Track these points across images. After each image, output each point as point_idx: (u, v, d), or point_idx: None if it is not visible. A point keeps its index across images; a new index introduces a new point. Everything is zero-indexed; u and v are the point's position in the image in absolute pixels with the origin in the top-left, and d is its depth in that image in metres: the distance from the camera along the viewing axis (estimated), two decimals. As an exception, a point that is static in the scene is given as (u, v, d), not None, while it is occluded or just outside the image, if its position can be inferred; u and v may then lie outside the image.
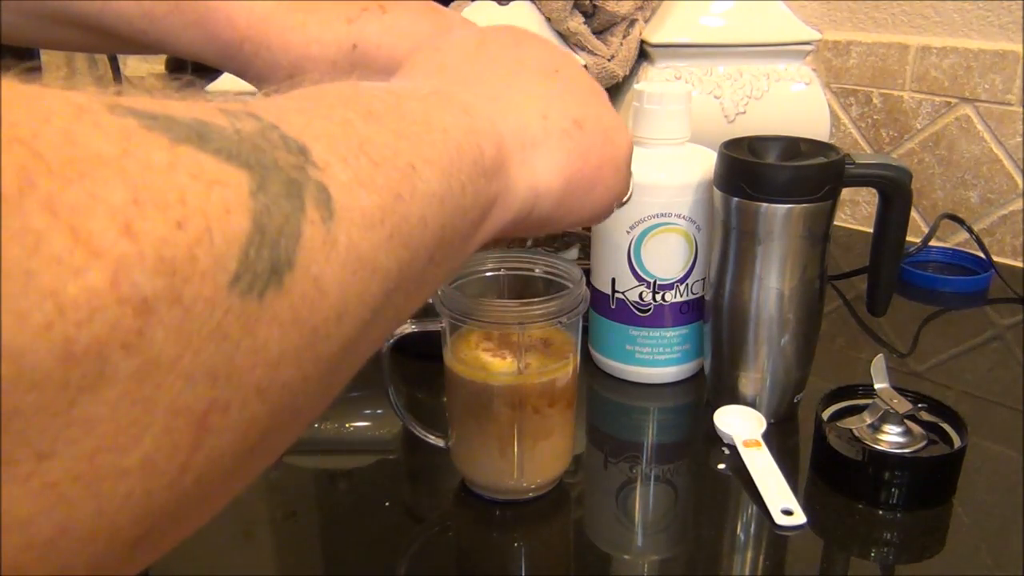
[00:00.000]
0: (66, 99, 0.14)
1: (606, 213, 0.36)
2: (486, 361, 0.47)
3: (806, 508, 0.47)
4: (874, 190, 0.56)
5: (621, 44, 0.76)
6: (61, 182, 0.13)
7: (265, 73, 0.41)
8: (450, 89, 0.29)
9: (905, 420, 0.50)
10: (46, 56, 1.02)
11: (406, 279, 0.22)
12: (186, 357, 0.15)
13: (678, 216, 0.57)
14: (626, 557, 0.47)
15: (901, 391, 0.51)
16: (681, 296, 0.60)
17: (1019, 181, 0.84)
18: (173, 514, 0.16)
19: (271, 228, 0.16)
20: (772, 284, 0.54)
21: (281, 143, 0.18)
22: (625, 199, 0.38)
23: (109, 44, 0.43)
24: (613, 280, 0.60)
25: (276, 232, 0.16)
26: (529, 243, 0.71)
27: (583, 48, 0.75)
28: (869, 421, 0.50)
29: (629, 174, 0.36)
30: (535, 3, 0.76)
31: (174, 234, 0.14)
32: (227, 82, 0.73)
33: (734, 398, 0.57)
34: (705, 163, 0.58)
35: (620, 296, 0.60)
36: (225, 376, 0.16)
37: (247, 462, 0.18)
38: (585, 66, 0.75)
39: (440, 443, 0.51)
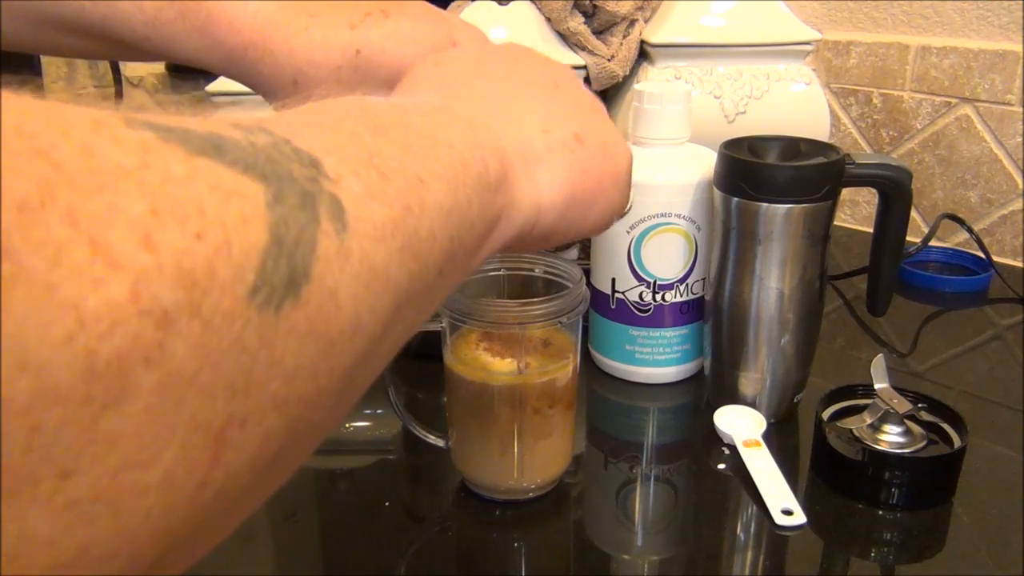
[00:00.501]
0: (83, 113, 0.14)
1: (606, 226, 0.36)
2: (486, 361, 0.47)
3: (806, 508, 0.47)
4: (874, 190, 0.56)
5: (621, 44, 0.76)
6: (81, 194, 0.13)
7: (269, 79, 0.41)
8: (453, 104, 0.29)
9: (905, 420, 0.50)
10: (46, 57, 1.02)
11: (416, 292, 0.22)
12: (206, 371, 0.15)
13: (678, 216, 0.57)
14: (626, 557, 0.47)
15: (901, 391, 0.51)
16: (681, 296, 0.60)
17: (1019, 181, 0.84)
18: (191, 533, 0.16)
19: (288, 239, 0.16)
20: (772, 284, 0.54)
21: (294, 155, 0.18)
22: (625, 211, 0.38)
23: (112, 51, 0.43)
24: (613, 280, 0.60)
25: (293, 243, 0.17)
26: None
27: (583, 48, 0.75)
28: (869, 421, 0.50)
29: (629, 187, 0.37)
30: (535, 3, 0.76)
31: (193, 245, 0.14)
32: (227, 82, 0.73)
33: (734, 398, 0.57)
34: (705, 163, 0.58)
35: (620, 296, 0.60)
36: (244, 390, 0.16)
37: (263, 479, 0.18)
38: (585, 66, 0.75)
39: (440, 443, 0.51)
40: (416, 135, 0.24)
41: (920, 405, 0.51)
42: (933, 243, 0.83)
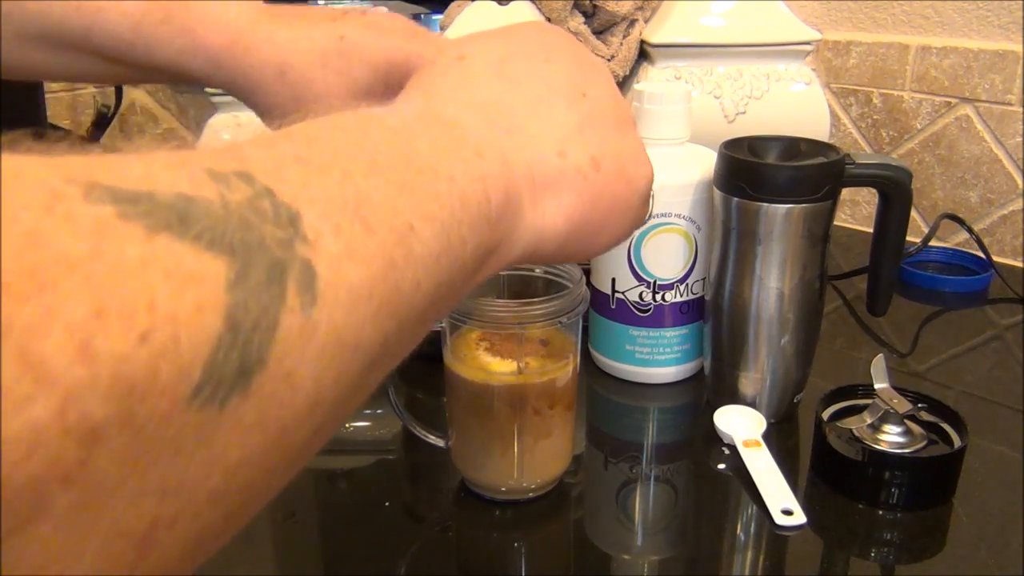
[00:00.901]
0: (42, 183, 0.13)
1: (616, 245, 0.35)
2: (486, 361, 0.47)
3: (806, 508, 0.47)
4: (874, 190, 0.56)
5: (621, 44, 0.76)
6: (18, 299, 0.12)
7: (254, 74, 0.41)
8: (465, 120, 0.28)
9: (905, 420, 0.50)
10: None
11: (391, 347, 0.21)
12: (132, 479, 0.14)
13: (678, 216, 0.57)
14: (626, 557, 0.47)
15: (901, 391, 0.51)
16: (681, 296, 0.60)
17: (1019, 181, 0.84)
18: None
19: (245, 324, 0.15)
20: (772, 284, 0.54)
21: (271, 213, 0.17)
22: (646, 219, 0.37)
23: (94, 67, 0.43)
24: (613, 280, 0.60)
25: (250, 328, 0.16)
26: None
27: (583, 48, 0.75)
28: (869, 421, 0.50)
29: (645, 208, 0.35)
30: (535, 3, 0.76)
31: (136, 349, 0.13)
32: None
33: (734, 398, 0.57)
34: (705, 163, 0.58)
35: (620, 296, 0.60)
36: (175, 491, 0.15)
37: (198, 557, 0.17)
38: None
39: (440, 443, 0.51)
40: (416, 170, 0.23)
41: (920, 405, 0.51)
42: (933, 243, 0.83)
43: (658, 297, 0.59)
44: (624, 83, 0.78)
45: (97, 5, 0.40)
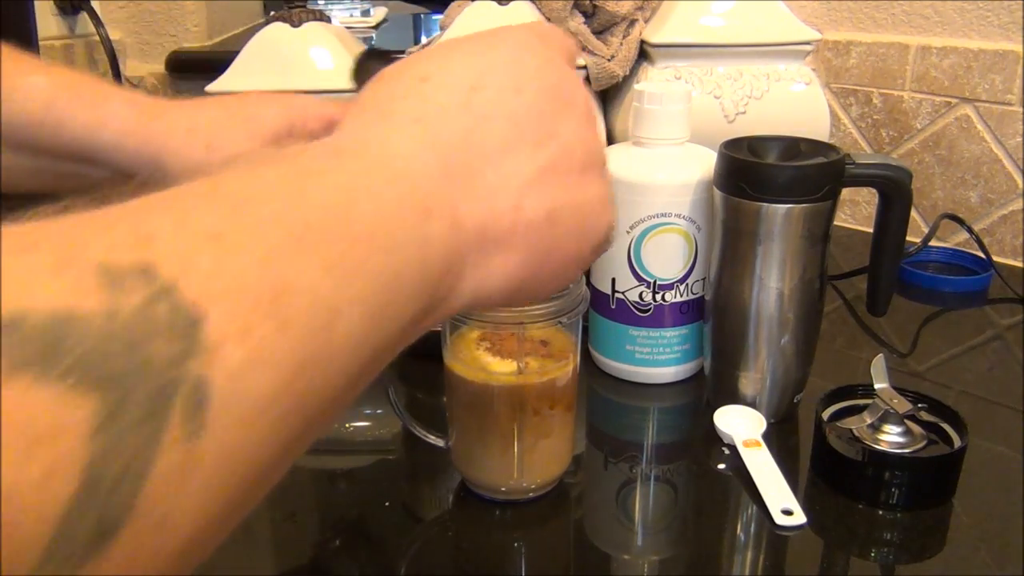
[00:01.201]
0: None
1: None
2: (486, 361, 0.47)
3: (806, 508, 0.47)
4: (874, 190, 0.56)
5: (621, 44, 0.76)
6: None
7: (165, 135, 0.44)
8: (418, 168, 0.25)
9: (905, 420, 0.50)
10: (45, 54, 1.02)
11: (296, 448, 0.20)
12: None
13: (678, 216, 0.57)
14: (626, 557, 0.47)
15: (901, 391, 0.51)
16: (681, 296, 0.60)
17: (1019, 181, 0.84)
18: None
19: (108, 476, 0.14)
20: (772, 284, 0.54)
21: (166, 321, 0.16)
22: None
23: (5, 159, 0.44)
24: (613, 280, 0.60)
25: (115, 478, 0.14)
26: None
27: (583, 48, 0.75)
28: (869, 421, 0.50)
29: (599, 254, 0.32)
30: (535, 3, 0.76)
31: None
32: (227, 83, 0.73)
33: (734, 398, 0.57)
34: (705, 163, 0.58)
35: (620, 296, 0.60)
36: None
37: None
38: (585, 66, 0.75)
39: (440, 443, 0.51)
40: (351, 240, 0.21)
41: (920, 405, 0.51)
42: (933, 243, 0.83)
43: (658, 297, 0.59)
44: (624, 83, 0.78)
45: (8, 87, 0.42)
